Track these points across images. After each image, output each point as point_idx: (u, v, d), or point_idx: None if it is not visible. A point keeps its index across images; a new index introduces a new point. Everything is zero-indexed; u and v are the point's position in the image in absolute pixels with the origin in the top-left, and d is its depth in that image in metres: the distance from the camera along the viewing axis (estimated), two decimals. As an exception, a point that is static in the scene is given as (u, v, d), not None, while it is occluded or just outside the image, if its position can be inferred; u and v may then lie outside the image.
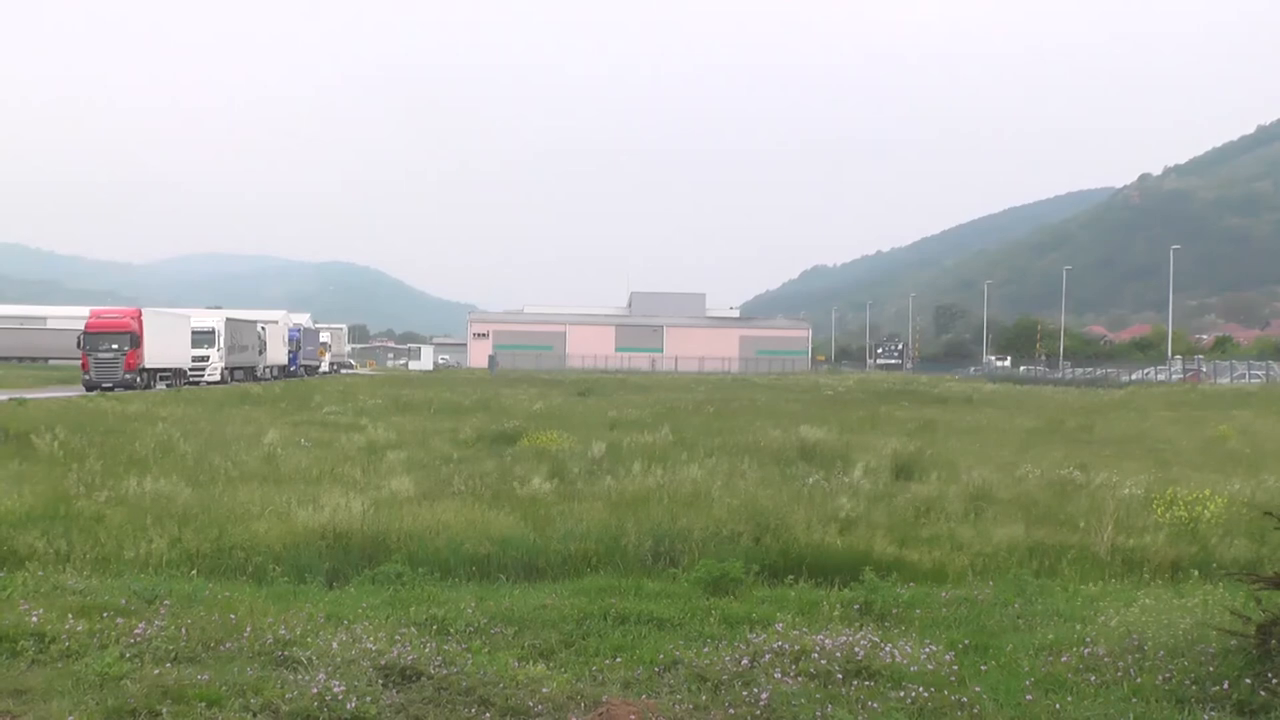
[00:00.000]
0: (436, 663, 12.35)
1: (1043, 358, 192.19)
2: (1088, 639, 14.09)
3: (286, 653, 12.56)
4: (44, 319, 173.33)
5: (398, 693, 11.63)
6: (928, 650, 13.44)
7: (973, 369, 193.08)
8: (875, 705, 11.69)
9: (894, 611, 16.16)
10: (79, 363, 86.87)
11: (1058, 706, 11.79)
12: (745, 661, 12.88)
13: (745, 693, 11.91)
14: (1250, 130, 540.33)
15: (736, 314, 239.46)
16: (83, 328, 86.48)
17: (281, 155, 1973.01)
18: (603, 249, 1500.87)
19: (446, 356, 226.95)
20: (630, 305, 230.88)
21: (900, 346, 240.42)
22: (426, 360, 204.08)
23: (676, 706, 11.64)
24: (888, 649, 13.24)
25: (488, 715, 11.25)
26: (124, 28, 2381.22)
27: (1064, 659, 13.37)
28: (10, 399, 59.22)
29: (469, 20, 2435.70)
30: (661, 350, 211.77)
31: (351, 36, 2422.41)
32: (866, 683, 12.37)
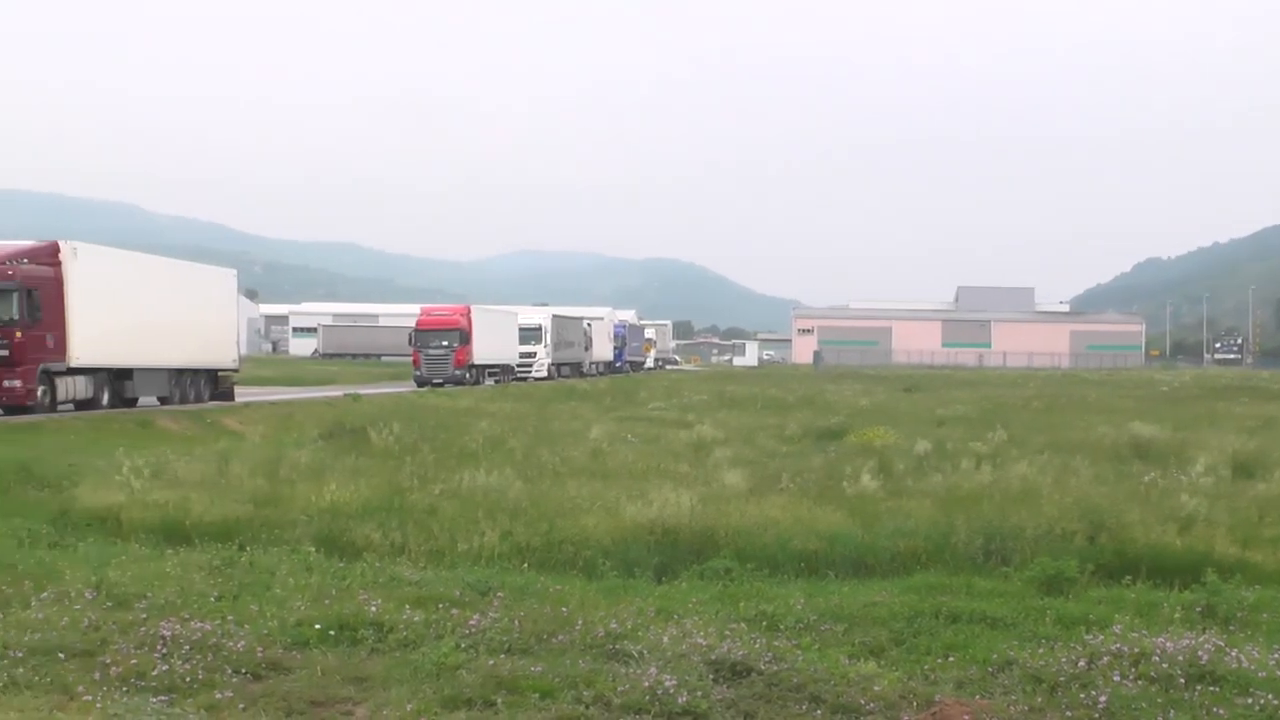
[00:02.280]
0: (766, 659, 12.25)
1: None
2: None
3: (617, 646, 12.58)
4: (376, 317, 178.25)
5: (728, 688, 11.56)
6: (1277, 656, 12.87)
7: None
8: (1221, 712, 11.22)
9: (1239, 615, 15.51)
10: (410, 359, 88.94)
11: None
12: (1082, 663, 12.51)
13: (1082, 695, 11.55)
14: None
15: (1066, 308, 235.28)
16: (414, 325, 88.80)
17: (608, 151, 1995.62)
18: (928, 242, 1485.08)
19: (771, 352, 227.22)
20: (957, 300, 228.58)
21: (1239, 341, 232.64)
22: (751, 356, 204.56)
23: (1011, 708, 11.35)
24: (1233, 654, 12.70)
25: (819, 712, 11.12)
26: (446, 21, 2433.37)
27: None
28: (346, 395, 61.03)
29: (791, 15, 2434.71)
30: (989, 345, 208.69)
31: (676, 33, 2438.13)
32: (1210, 688, 11.88)
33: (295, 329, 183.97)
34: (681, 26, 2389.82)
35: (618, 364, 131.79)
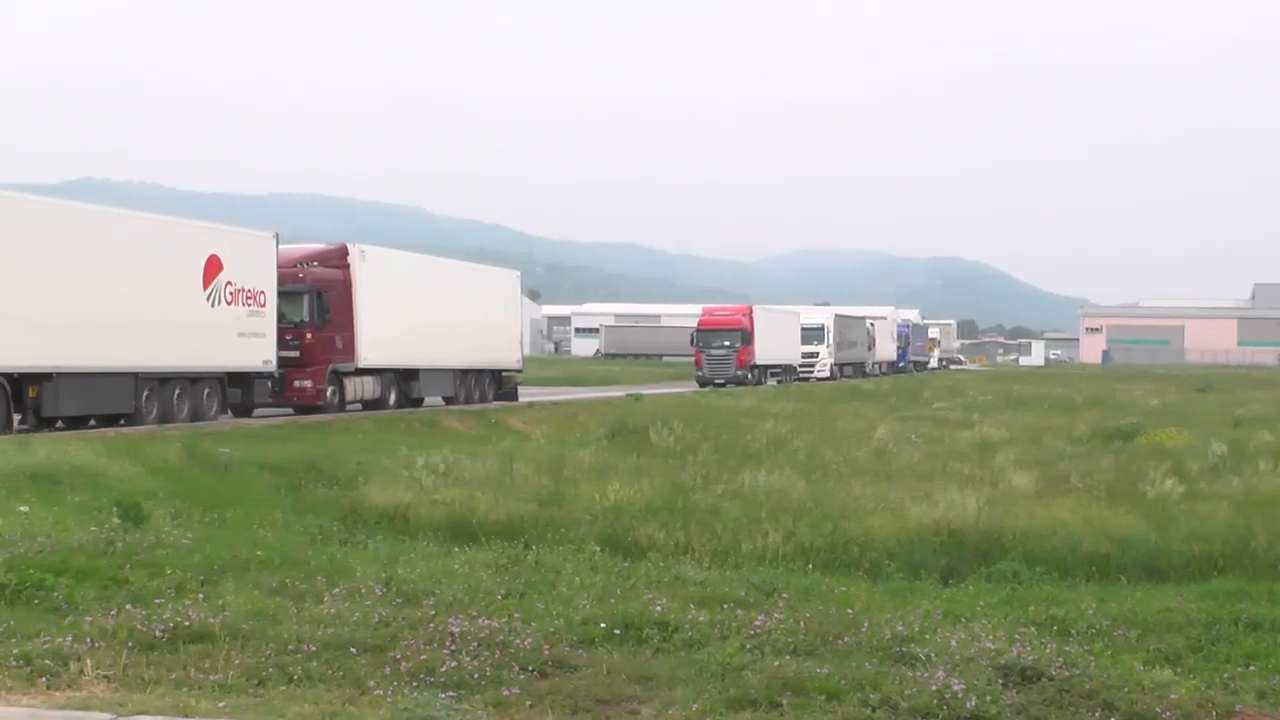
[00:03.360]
0: (1057, 664, 11.94)
1: None
2: None
3: (904, 649, 12.37)
4: (658, 317, 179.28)
5: (1017, 693, 11.28)
6: None
7: None
8: None
9: None
10: (692, 359, 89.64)
11: None
12: (1397, 675, 11.97)
13: (1398, 709, 11.05)
14: None
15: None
16: (695, 325, 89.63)
17: (893, 148, 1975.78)
18: (1221, 239, 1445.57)
19: (1058, 352, 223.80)
20: (1254, 298, 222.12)
21: None
22: (1037, 355, 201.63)
23: (1318, 720, 10.91)
24: None
25: (1112, 720, 10.81)
26: (730, 16, 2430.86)
27: None
28: (628, 395, 61.45)
29: (1079, 6, 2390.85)
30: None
31: (963, 28, 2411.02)
32: None
33: (577, 329, 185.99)
34: (967, 20, 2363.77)
35: (901, 364, 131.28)
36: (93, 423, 36.46)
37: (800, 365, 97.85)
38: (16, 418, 33.57)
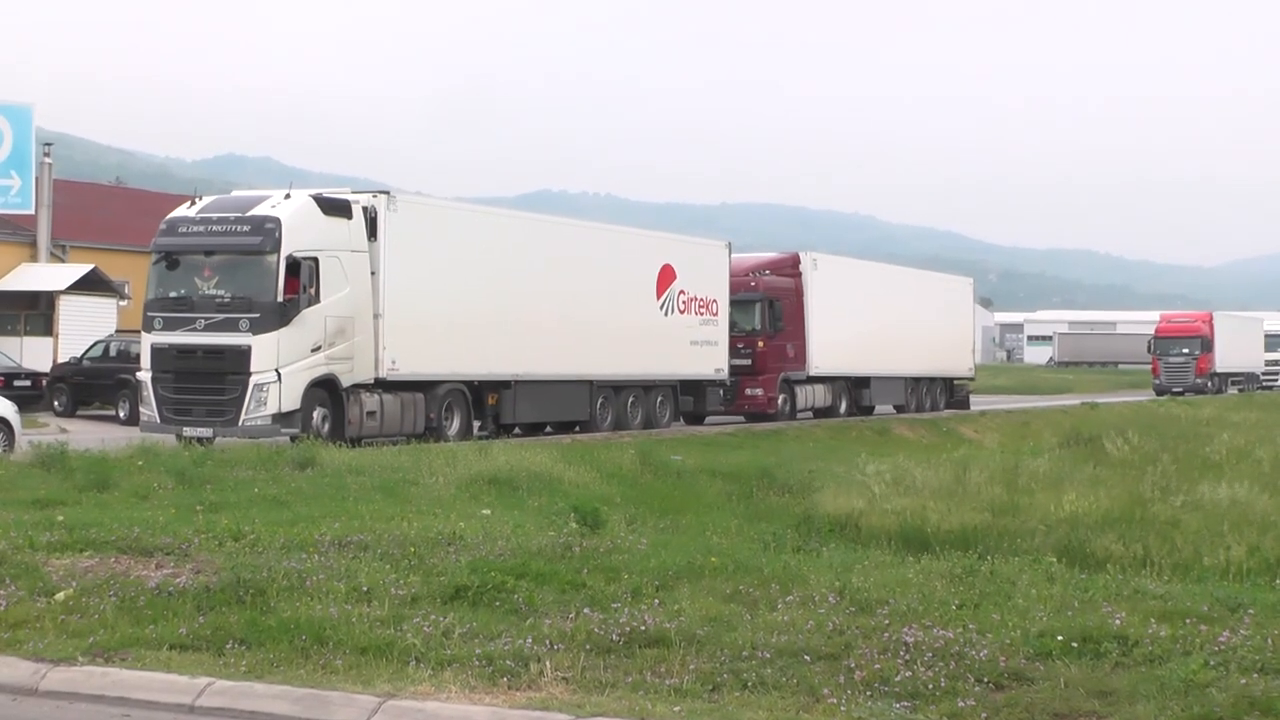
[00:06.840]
0: None
1: None
2: None
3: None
4: (1113, 324, 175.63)
5: None
6: None
7: None
8: None
9: None
10: (1148, 367, 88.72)
11: None
12: None
13: None
14: None
15: None
16: (1153, 332, 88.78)
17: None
18: None
19: None
20: None
21: None
22: None
23: None
24: None
25: None
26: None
27: None
28: (1082, 403, 60.50)
29: None
30: None
31: None
32: None
33: (1030, 337, 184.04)
34: None
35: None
36: (548, 429, 37.63)
37: (1264, 374, 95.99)
38: (476, 424, 34.88)
